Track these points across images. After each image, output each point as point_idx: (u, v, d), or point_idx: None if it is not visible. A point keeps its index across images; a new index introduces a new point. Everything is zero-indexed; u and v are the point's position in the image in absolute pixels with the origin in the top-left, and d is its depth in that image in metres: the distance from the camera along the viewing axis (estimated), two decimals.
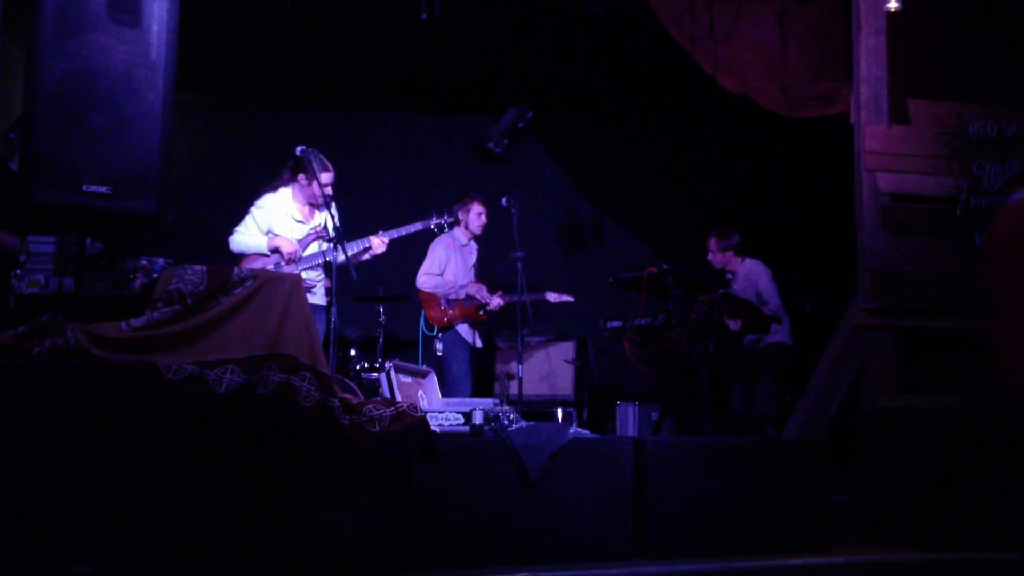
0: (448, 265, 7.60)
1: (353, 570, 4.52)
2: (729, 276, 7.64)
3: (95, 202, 4.41)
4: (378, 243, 6.52)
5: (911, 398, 6.37)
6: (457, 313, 7.49)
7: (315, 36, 7.73)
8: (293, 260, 6.20)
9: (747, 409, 7.33)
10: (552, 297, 7.96)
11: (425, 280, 7.54)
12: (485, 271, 7.90)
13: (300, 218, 6.42)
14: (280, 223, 6.34)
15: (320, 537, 4.48)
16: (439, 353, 7.36)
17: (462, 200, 7.70)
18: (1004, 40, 6.98)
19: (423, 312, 7.51)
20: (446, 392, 6.92)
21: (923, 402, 6.29)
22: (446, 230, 7.22)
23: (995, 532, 5.46)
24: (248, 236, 6.29)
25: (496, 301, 7.59)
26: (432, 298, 7.50)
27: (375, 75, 8.58)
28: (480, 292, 7.56)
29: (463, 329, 7.53)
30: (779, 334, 7.25)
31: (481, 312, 7.56)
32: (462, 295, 7.53)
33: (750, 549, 5.25)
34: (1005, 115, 6.72)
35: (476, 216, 7.66)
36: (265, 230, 6.30)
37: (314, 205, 6.40)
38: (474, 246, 7.81)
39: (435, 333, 7.45)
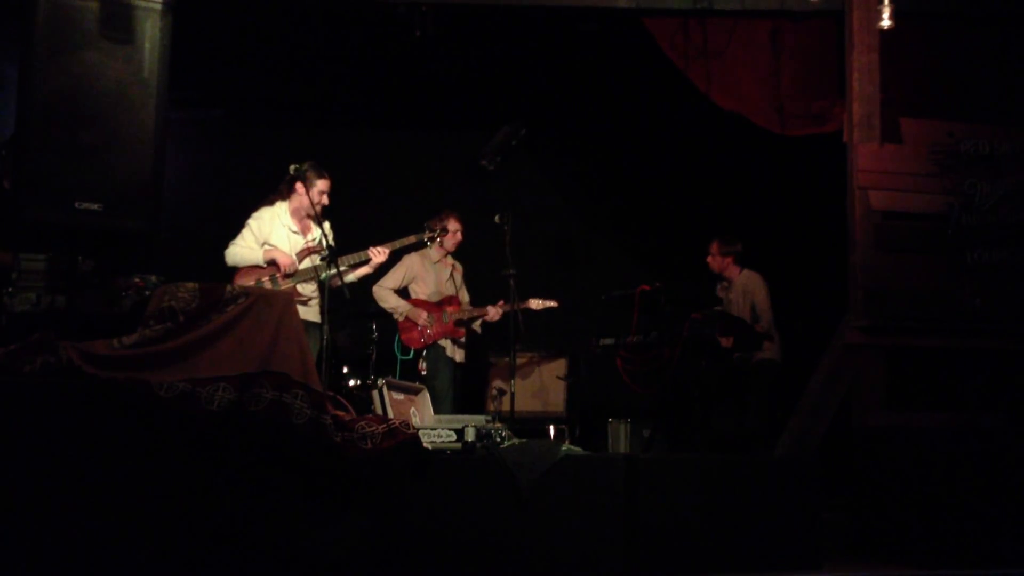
0: (416, 283, 7.56)
1: None
2: (724, 284, 7.65)
3: (87, 220, 4.42)
4: (377, 252, 6.54)
5: (902, 416, 6.37)
6: (436, 332, 7.46)
7: (308, 54, 7.75)
8: (289, 273, 6.23)
9: (736, 426, 7.33)
10: (535, 304, 7.89)
11: (382, 294, 7.47)
12: (477, 287, 7.89)
13: (296, 230, 6.47)
14: (276, 235, 6.40)
15: (311, 554, 4.48)
16: (423, 372, 7.31)
17: (440, 216, 7.55)
18: (997, 59, 7.01)
19: (397, 336, 7.42)
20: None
21: (914, 420, 6.29)
22: (439, 242, 7.23)
23: (985, 549, 5.46)
24: (244, 248, 6.33)
25: (494, 311, 7.59)
26: (407, 323, 7.46)
27: (369, 92, 8.61)
28: (477, 310, 7.57)
29: (446, 345, 7.52)
30: (769, 351, 7.26)
31: (460, 328, 7.54)
32: (443, 314, 7.48)
33: (741, 567, 5.24)
34: (997, 134, 6.74)
35: (452, 233, 7.54)
36: (261, 242, 6.35)
37: (310, 218, 6.44)
38: (450, 261, 7.75)
39: (410, 356, 7.37)
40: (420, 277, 7.56)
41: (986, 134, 6.74)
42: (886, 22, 6.63)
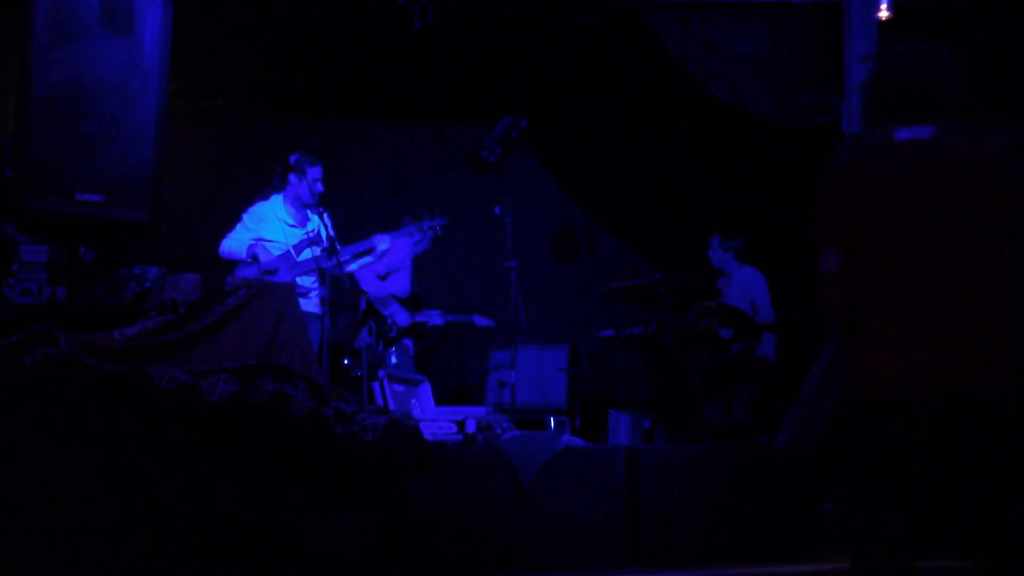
0: (400, 274, 7.48)
1: None
2: (724, 278, 7.65)
3: (88, 211, 4.42)
4: (380, 239, 6.53)
5: None
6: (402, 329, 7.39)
7: (308, 45, 7.75)
8: (270, 272, 6.20)
9: (725, 418, 7.33)
10: (479, 321, 7.95)
11: (375, 283, 7.33)
12: (477, 279, 7.90)
13: (292, 222, 6.46)
14: (272, 229, 6.38)
15: (313, 547, 4.48)
16: (392, 363, 7.18)
17: (418, 215, 7.35)
18: (994, 49, 7.02)
19: (373, 324, 7.18)
20: None
21: None
22: (438, 232, 7.21)
23: (984, 540, 5.47)
24: (235, 242, 6.33)
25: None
26: (380, 313, 7.31)
27: (369, 84, 8.60)
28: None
29: (407, 343, 7.47)
30: (764, 348, 7.26)
31: (420, 330, 7.49)
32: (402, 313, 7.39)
33: (742, 557, 5.26)
34: (993, 125, 6.74)
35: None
36: (255, 237, 6.33)
37: (307, 206, 6.44)
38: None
39: (381, 348, 7.20)
40: (401, 270, 7.48)
41: (983, 125, 6.74)
42: (884, 13, 6.64)
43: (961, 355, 2.91)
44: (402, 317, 7.40)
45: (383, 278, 7.34)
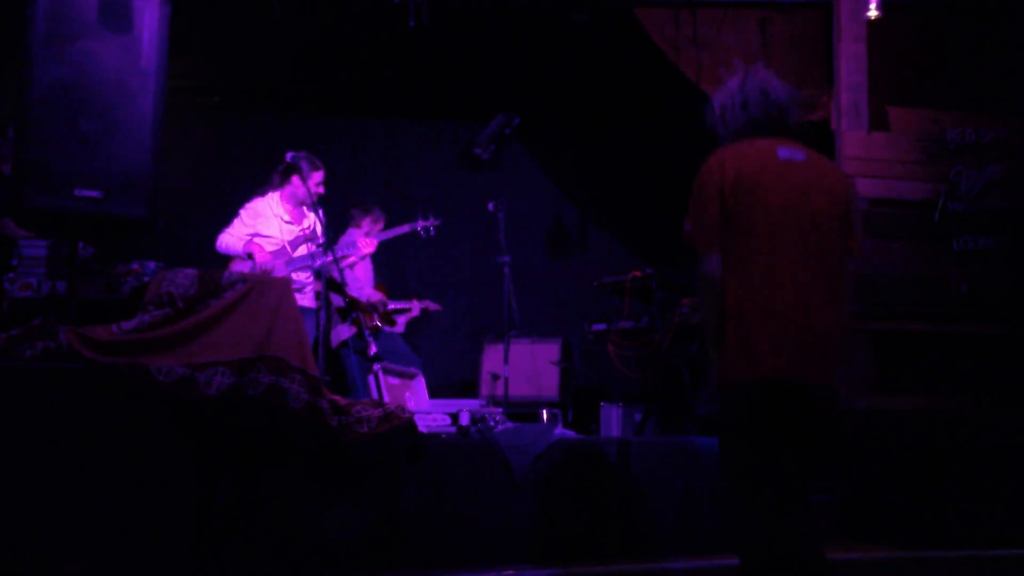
0: (364, 267, 7.50)
1: (341, 570, 4.57)
2: None
3: (87, 207, 4.44)
4: (364, 243, 6.59)
5: (889, 400, 6.44)
6: (380, 321, 7.41)
7: (304, 43, 7.79)
8: (265, 269, 6.24)
9: (715, 410, 7.35)
10: (429, 305, 8.03)
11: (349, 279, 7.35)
12: (472, 275, 7.95)
13: (288, 219, 6.50)
14: (268, 225, 6.42)
15: (308, 537, 4.53)
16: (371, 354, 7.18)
17: (365, 207, 7.47)
18: (982, 48, 7.08)
19: (362, 320, 7.07)
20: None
21: (901, 404, 6.37)
22: (431, 232, 7.26)
23: (972, 530, 5.54)
24: (232, 238, 6.38)
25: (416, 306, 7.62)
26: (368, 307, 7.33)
27: (364, 82, 8.64)
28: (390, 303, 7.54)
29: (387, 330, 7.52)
30: None
31: (394, 317, 7.53)
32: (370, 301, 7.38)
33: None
34: (983, 122, 6.81)
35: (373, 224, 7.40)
36: (251, 233, 6.37)
37: (304, 205, 6.49)
38: None
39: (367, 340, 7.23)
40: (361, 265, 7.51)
41: (972, 122, 6.81)
42: (873, 12, 6.70)
43: (810, 353, 3.38)
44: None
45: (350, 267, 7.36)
